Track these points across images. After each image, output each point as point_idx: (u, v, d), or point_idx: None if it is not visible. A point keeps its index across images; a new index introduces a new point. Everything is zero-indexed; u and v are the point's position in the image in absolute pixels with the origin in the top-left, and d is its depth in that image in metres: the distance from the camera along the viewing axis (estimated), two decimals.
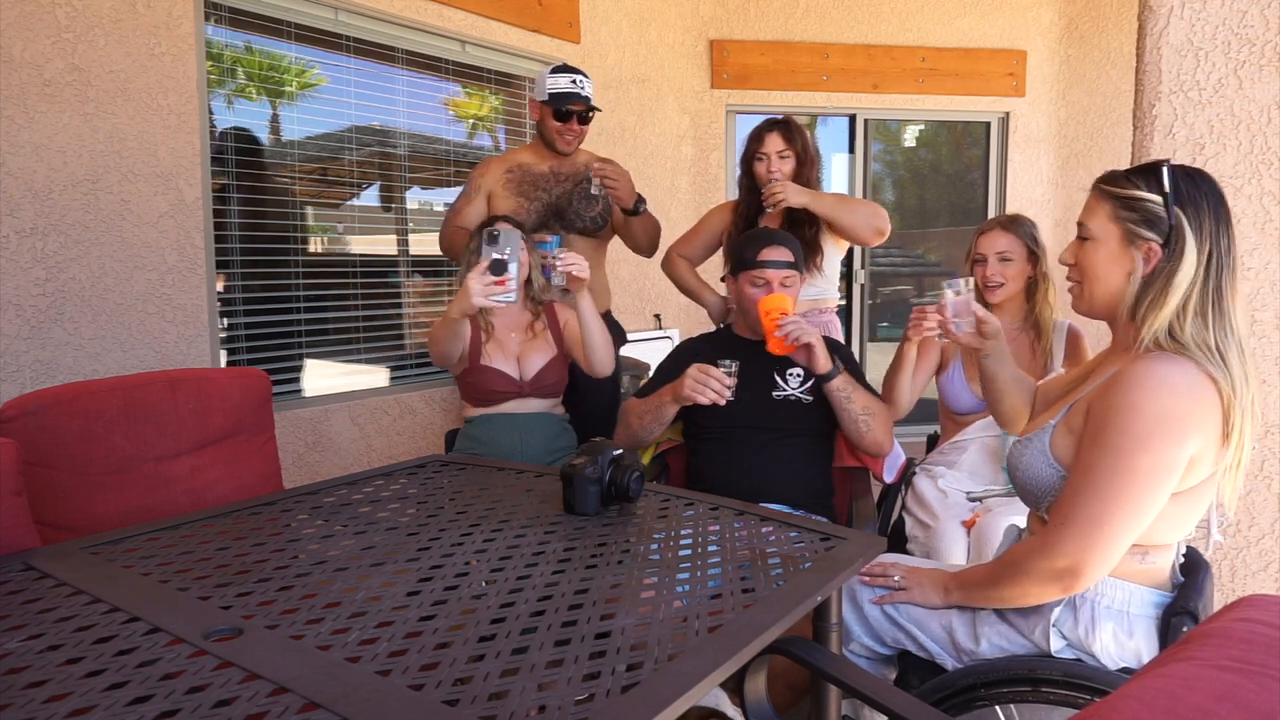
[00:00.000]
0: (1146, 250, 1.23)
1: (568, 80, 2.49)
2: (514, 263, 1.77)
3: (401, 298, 3.42)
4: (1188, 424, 1.15)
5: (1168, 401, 1.15)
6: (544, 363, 2.21)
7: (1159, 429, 1.14)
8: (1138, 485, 1.15)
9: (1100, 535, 1.17)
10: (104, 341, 2.38)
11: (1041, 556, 1.22)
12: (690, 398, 1.85)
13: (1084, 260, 1.30)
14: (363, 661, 0.92)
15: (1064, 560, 1.19)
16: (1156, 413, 1.15)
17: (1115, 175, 1.29)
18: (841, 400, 1.95)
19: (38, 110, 2.22)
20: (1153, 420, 1.15)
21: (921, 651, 1.42)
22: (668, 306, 4.42)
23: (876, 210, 2.45)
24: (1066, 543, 1.19)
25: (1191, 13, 1.91)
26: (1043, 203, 4.92)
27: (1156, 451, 1.14)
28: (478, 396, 2.19)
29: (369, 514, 1.49)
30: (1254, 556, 1.97)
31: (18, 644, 0.97)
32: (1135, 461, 1.15)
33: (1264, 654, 0.68)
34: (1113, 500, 1.16)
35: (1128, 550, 1.22)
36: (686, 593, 1.14)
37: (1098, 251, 1.28)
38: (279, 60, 2.92)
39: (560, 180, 2.57)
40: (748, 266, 2.02)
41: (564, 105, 2.48)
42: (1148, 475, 1.15)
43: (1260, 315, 1.93)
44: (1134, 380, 1.17)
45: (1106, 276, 1.28)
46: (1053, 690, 1.25)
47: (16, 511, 1.32)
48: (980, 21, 4.78)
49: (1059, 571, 1.20)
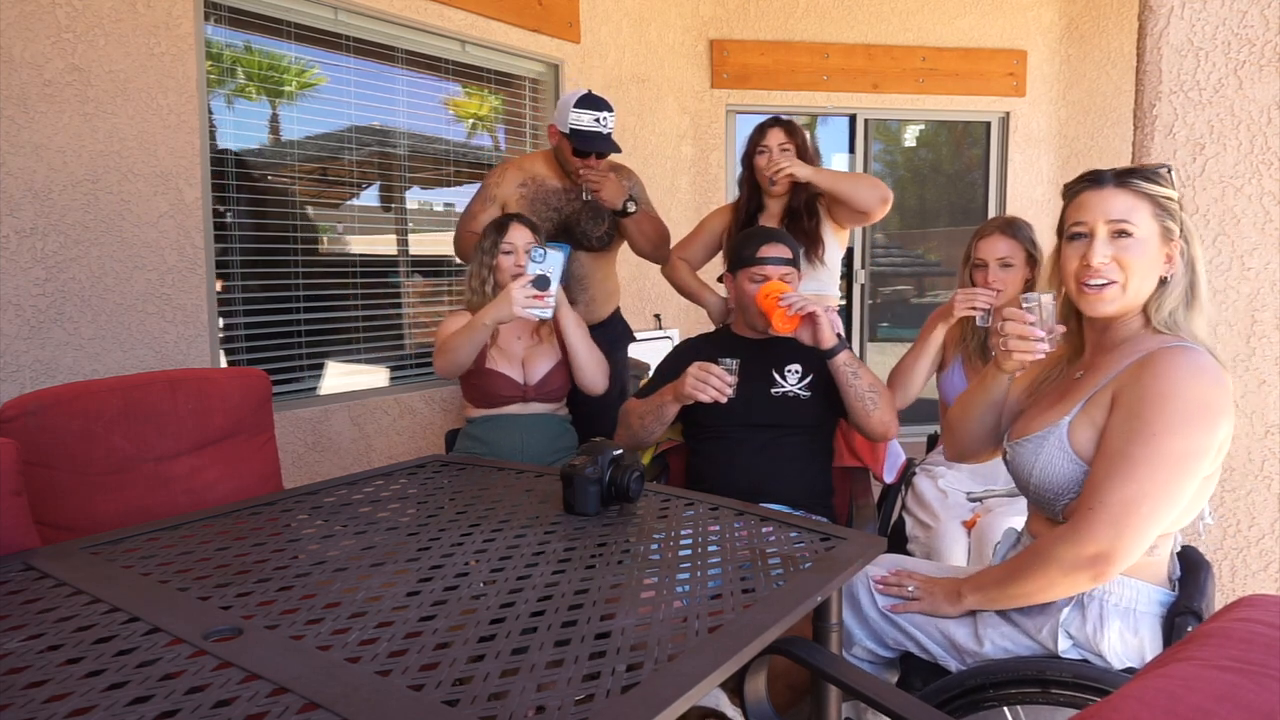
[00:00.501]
0: (1178, 249, 1.27)
1: (591, 119, 2.41)
2: (556, 281, 1.84)
3: (401, 298, 3.42)
4: (1221, 411, 1.17)
5: (1204, 387, 1.17)
6: (549, 368, 2.21)
7: (1196, 414, 1.16)
8: (1172, 469, 1.16)
9: (1133, 519, 1.16)
10: (104, 341, 2.38)
11: (1070, 544, 1.19)
12: (691, 396, 1.85)
13: (1127, 260, 1.26)
14: (363, 661, 0.92)
15: (1095, 546, 1.17)
16: (1194, 398, 1.16)
17: (1146, 173, 1.28)
18: (848, 376, 1.92)
19: (38, 110, 2.22)
20: (1191, 405, 1.16)
21: (923, 653, 1.42)
22: (668, 306, 4.42)
23: (877, 181, 2.46)
24: (1098, 528, 1.17)
25: (1191, 13, 1.91)
26: (1043, 203, 4.92)
27: (1193, 436, 1.16)
28: (481, 399, 2.19)
29: (369, 514, 1.49)
30: (1254, 556, 1.97)
31: (18, 644, 0.97)
32: (1171, 445, 1.15)
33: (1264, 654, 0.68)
34: (1147, 483, 1.16)
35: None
36: (686, 593, 1.14)
37: (1144, 251, 1.26)
38: (279, 60, 2.92)
39: (572, 199, 2.56)
40: (746, 264, 2.02)
41: (585, 147, 2.42)
42: (1182, 460, 1.16)
43: (1260, 315, 1.93)
44: (1169, 366, 1.19)
45: (1148, 275, 1.27)
46: (1062, 691, 1.24)
47: (16, 511, 1.32)
48: (980, 21, 4.78)
49: (1090, 558, 1.17)
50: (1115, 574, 1.20)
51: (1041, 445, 1.30)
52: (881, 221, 4.20)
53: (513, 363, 2.20)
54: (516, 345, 2.23)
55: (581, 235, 2.54)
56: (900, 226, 5.14)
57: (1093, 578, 1.20)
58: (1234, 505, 1.97)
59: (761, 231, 2.16)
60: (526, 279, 1.85)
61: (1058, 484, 1.27)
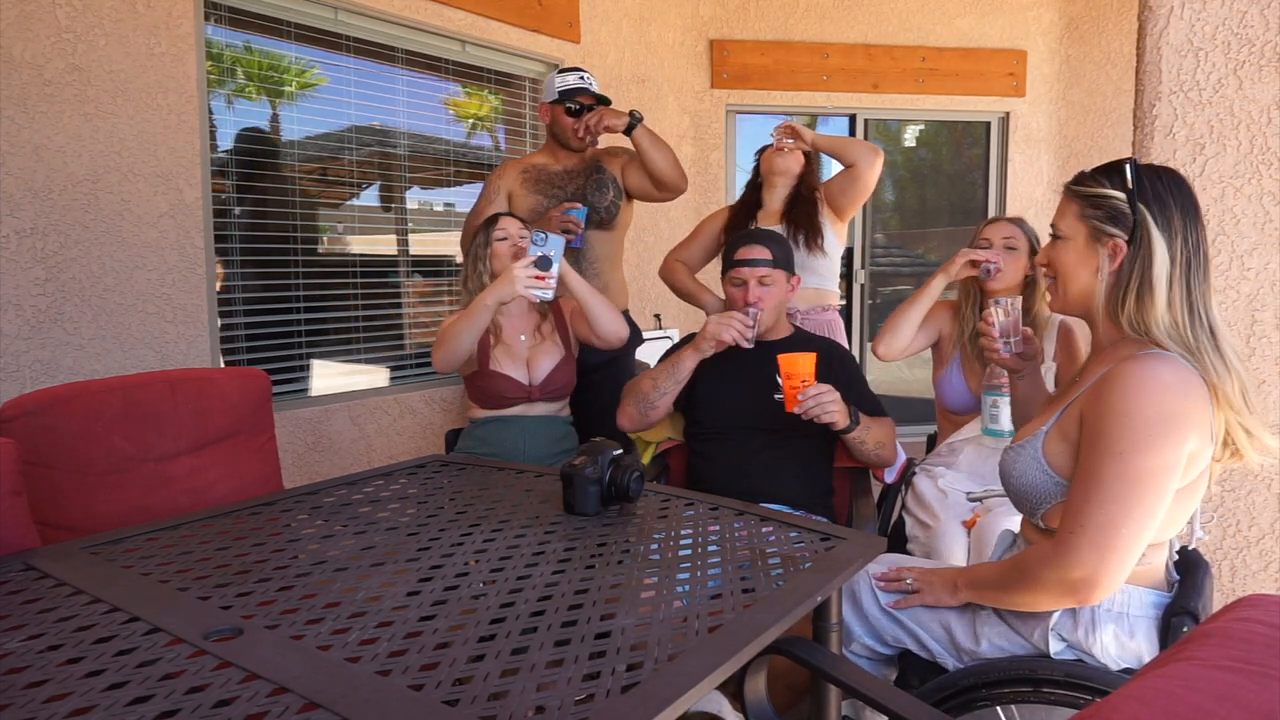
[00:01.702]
0: (1112, 247, 1.24)
1: (575, 77, 2.59)
2: (557, 263, 1.87)
3: (401, 298, 3.42)
4: (1185, 421, 1.15)
5: (1163, 400, 1.14)
6: (553, 366, 2.21)
7: (1159, 430, 1.14)
8: (1145, 489, 1.14)
9: (1115, 543, 1.14)
10: (104, 341, 2.38)
11: (1055, 567, 1.18)
12: (715, 336, 1.88)
13: (1055, 259, 1.32)
14: (363, 661, 0.92)
15: (1079, 570, 1.16)
16: (1154, 413, 1.14)
17: (1082, 175, 1.30)
18: (856, 444, 1.93)
19: (38, 110, 2.22)
20: (1152, 422, 1.14)
21: (923, 651, 1.42)
22: (668, 307, 4.42)
23: (866, 142, 2.65)
24: (1080, 552, 1.16)
25: (1191, 13, 1.91)
26: (1043, 203, 4.92)
27: (1159, 452, 1.14)
28: (486, 400, 2.19)
29: (369, 514, 1.49)
30: (1254, 556, 1.97)
31: (18, 644, 0.97)
32: (1140, 464, 1.13)
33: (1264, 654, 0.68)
34: (1123, 504, 1.14)
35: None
36: (686, 593, 1.14)
37: (1067, 250, 1.30)
38: (279, 60, 2.92)
39: (574, 177, 2.65)
40: (727, 266, 2.04)
41: (573, 99, 2.56)
42: (1153, 478, 1.14)
43: (1260, 315, 1.93)
44: (1126, 382, 1.16)
45: (1076, 274, 1.29)
46: (1054, 690, 1.25)
47: (16, 511, 1.32)
48: (980, 21, 4.79)
49: (1074, 583, 1.17)
50: (1102, 597, 1.18)
51: (1020, 454, 1.31)
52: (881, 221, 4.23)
53: (517, 363, 2.20)
54: (520, 345, 2.22)
55: (589, 207, 2.61)
56: (900, 226, 5.14)
57: (1078, 600, 1.19)
58: (1234, 505, 1.97)
59: (744, 234, 2.17)
60: (529, 259, 1.87)
61: (1034, 494, 1.28)
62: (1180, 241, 1.20)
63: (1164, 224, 1.20)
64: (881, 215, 5.03)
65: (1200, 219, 1.23)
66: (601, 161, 2.67)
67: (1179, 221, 1.21)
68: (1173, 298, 1.20)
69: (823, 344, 2.11)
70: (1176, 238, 1.20)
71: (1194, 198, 1.23)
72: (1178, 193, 1.22)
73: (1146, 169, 1.24)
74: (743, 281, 2.00)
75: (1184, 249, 1.21)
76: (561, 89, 2.58)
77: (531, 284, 1.87)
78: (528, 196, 2.62)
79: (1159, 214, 1.21)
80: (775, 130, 2.59)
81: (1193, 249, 1.21)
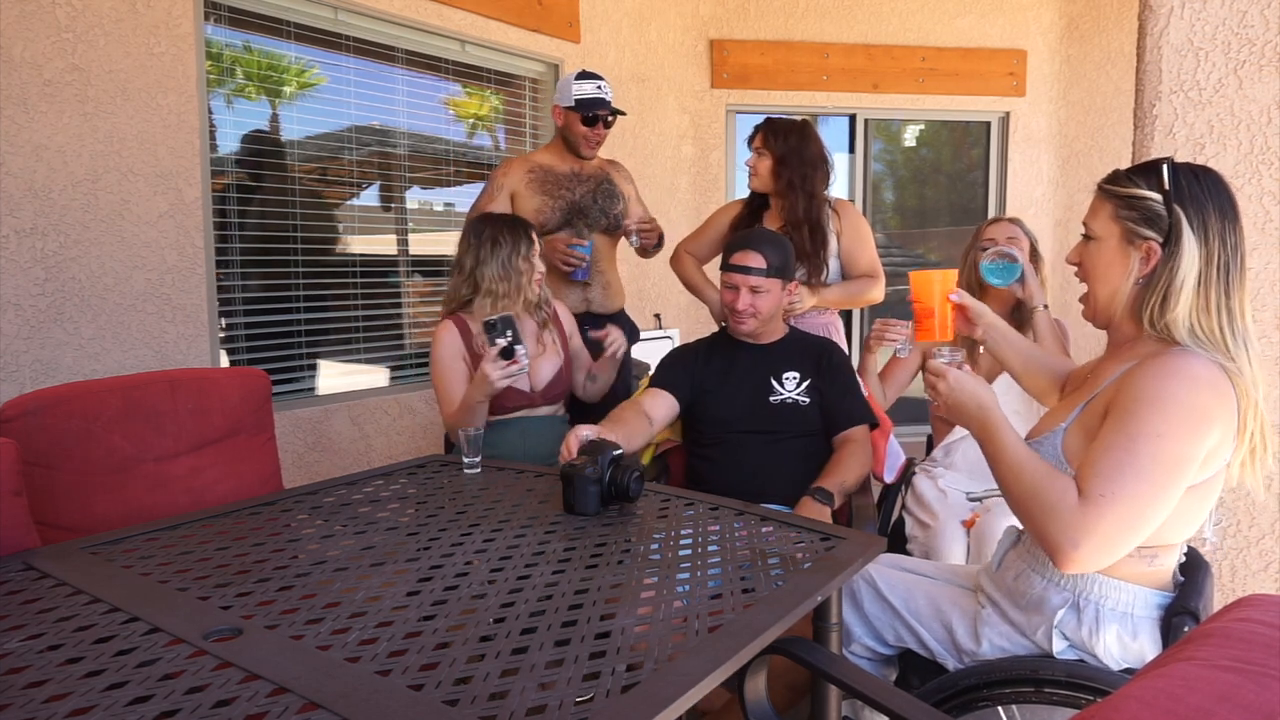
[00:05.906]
0: (1146, 249, 1.21)
1: (593, 86, 2.58)
2: (519, 344, 1.93)
3: (401, 298, 3.42)
4: (1210, 417, 1.14)
5: (1192, 394, 1.14)
6: (554, 372, 2.22)
7: (1192, 419, 1.13)
8: (1172, 475, 1.13)
9: (1135, 524, 1.12)
10: (104, 341, 2.38)
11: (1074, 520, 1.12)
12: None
13: (1087, 260, 1.30)
14: (362, 661, 0.92)
15: (1092, 539, 1.12)
16: (1190, 403, 1.13)
17: (1117, 175, 1.28)
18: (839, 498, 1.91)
19: (38, 110, 2.22)
20: (1186, 409, 1.13)
21: (923, 650, 1.42)
22: (668, 306, 4.42)
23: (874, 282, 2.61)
24: (1104, 520, 1.11)
25: (1191, 13, 1.91)
26: (1043, 202, 4.92)
27: (1190, 441, 1.13)
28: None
29: (369, 514, 1.49)
30: (1254, 556, 1.97)
31: (18, 644, 0.97)
32: (1175, 450, 1.12)
33: (1264, 654, 0.68)
34: (1152, 486, 1.12)
35: (1138, 553, 1.20)
36: (686, 593, 1.14)
37: (1100, 251, 1.28)
38: (279, 60, 2.92)
39: (582, 180, 2.65)
40: (724, 269, 2.04)
41: (591, 111, 2.56)
42: (1178, 466, 1.13)
43: (1260, 315, 1.93)
44: (1159, 372, 1.16)
45: (1107, 276, 1.27)
46: (1055, 690, 1.24)
47: (16, 511, 1.32)
48: (980, 21, 4.78)
49: (1076, 542, 1.12)
50: (1077, 568, 1.14)
51: (1038, 450, 1.29)
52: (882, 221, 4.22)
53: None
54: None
55: (599, 214, 2.63)
56: (900, 226, 5.14)
57: (1060, 559, 1.14)
58: (1234, 505, 1.97)
59: (743, 237, 2.12)
60: (492, 355, 1.93)
61: None
62: (1218, 244, 1.17)
63: (1200, 226, 1.17)
64: (881, 215, 5.02)
65: (1239, 221, 1.20)
66: (610, 174, 2.70)
67: (1216, 224, 1.17)
68: (1207, 302, 1.18)
69: (820, 344, 2.11)
70: (1214, 241, 1.17)
71: (1233, 199, 1.20)
72: (1216, 195, 1.19)
73: (1184, 169, 1.21)
74: (734, 286, 2.00)
75: (1221, 252, 1.18)
76: (579, 97, 2.55)
77: (506, 373, 1.93)
78: (532, 198, 2.59)
79: (1195, 216, 1.18)
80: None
81: (1230, 252, 1.18)
